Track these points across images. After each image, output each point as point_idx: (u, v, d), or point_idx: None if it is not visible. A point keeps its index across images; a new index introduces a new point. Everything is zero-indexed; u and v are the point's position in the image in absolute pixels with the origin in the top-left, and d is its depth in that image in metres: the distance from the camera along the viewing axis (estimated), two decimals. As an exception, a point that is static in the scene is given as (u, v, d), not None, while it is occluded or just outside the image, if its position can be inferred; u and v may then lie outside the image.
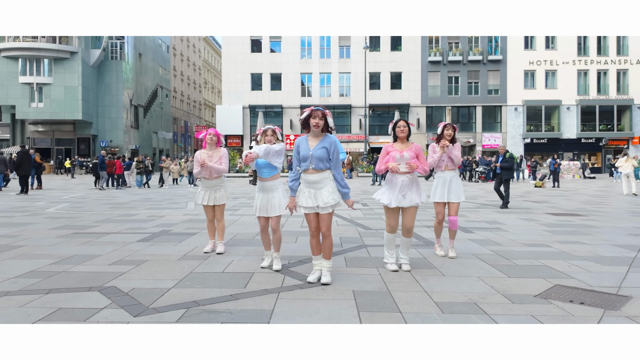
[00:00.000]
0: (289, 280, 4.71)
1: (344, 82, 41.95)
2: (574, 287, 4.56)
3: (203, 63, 72.90)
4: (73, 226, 8.55)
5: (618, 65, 40.88)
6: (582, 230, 8.38)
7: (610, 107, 40.76)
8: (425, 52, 41.33)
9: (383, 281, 4.71)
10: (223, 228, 6.19)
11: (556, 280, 4.83)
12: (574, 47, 40.94)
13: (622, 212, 11.40)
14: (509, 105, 40.97)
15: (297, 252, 6.20)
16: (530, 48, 41.18)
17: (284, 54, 41.84)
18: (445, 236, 6.72)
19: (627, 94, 40.79)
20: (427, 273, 5.07)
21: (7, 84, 39.82)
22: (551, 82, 41.19)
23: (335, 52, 41.79)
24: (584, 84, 41.21)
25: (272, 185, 5.11)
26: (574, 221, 9.65)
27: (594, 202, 14.48)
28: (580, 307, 3.93)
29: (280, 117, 41.37)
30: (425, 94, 41.16)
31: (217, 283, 4.58)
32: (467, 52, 41.17)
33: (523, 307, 3.92)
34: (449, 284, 4.61)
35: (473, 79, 41.45)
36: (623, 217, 10.35)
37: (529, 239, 7.44)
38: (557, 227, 8.70)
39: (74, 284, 4.54)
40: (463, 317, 3.63)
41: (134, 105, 47.55)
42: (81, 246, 6.54)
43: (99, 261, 5.57)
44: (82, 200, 14.62)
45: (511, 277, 4.92)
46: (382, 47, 41.58)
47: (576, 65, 40.96)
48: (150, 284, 4.53)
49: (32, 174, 20.12)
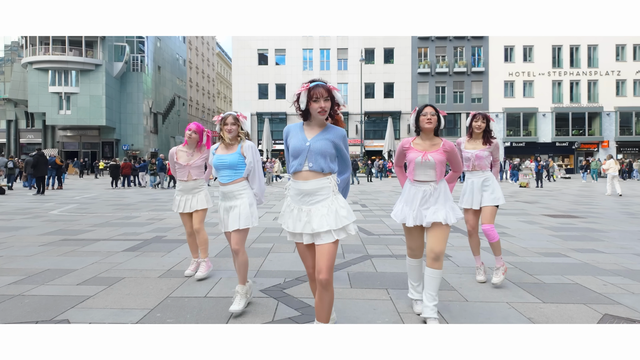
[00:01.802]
0: (282, 309, 3.40)
1: (342, 92, 39.82)
2: (628, 317, 3.27)
3: (216, 75, 71.57)
4: (65, 231, 7.23)
5: (589, 76, 39.54)
6: (590, 235, 7.08)
7: (582, 114, 39.42)
8: (415, 65, 40.05)
9: (396, 311, 3.40)
10: (205, 241, 4.30)
11: (599, 306, 3.54)
12: (549, 59, 39.63)
13: (617, 214, 10.08)
14: (490, 112, 39.54)
15: (295, 266, 4.86)
16: (509, 61, 39.87)
17: (288, 66, 40.60)
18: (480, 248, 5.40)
19: (597, 102, 39.47)
20: (447, 297, 3.76)
21: (38, 93, 38.66)
22: (528, 92, 39.87)
23: (334, 65, 40.54)
24: (558, 93, 39.89)
25: (231, 191, 3.43)
26: (576, 224, 8.34)
27: (582, 202, 13.17)
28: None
29: (285, 123, 40.17)
30: (415, 102, 39.85)
31: (194, 315, 3.27)
32: (452, 64, 39.90)
33: None
34: (477, 316, 3.31)
35: (458, 88, 40.17)
36: (622, 220, 9.04)
37: (540, 246, 6.13)
38: (563, 232, 7.39)
39: (20, 316, 3.25)
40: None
41: (154, 113, 46.25)
42: (60, 257, 5.23)
43: (69, 279, 4.26)
44: (92, 201, 13.29)
45: (546, 303, 3.62)
46: (376, 60, 40.34)
47: (551, 76, 39.65)
48: (113, 317, 3.23)
49: (53, 174, 18.87)
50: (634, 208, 11.47)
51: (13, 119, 42.88)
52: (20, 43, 41.44)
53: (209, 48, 68.20)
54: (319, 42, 40.34)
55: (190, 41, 58.71)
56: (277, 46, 40.48)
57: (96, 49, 39.74)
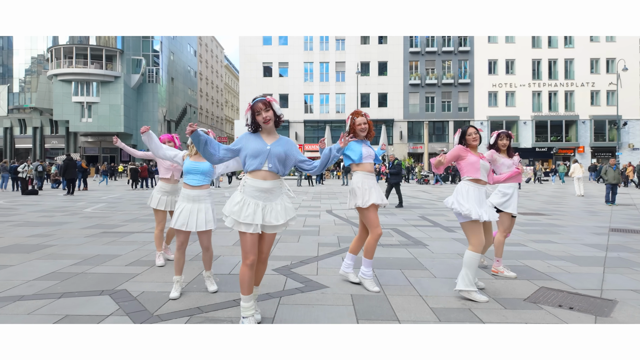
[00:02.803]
0: (290, 283, 4.07)
1: (339, 101, 41.31)
2: (559, 289, 3.92)
3: (224, 86, 72.26)
4: (103, 225, 7.90)
5: (566, 87, 40.23)
6: (550, 229, 7.74)
7: (559, 121, 40.12)
8: (407, 77, 40.73)
9: (379, 283, 4.06)
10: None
11: (540, 282, 4.19)
12: (529, 72, 40.32)
13: (579, 212, 10.75)
14: (475, 120, 40.25)
15: (300, 252, 5.53)
16: (493, 73, 40.57)
17: (290, 78, 41.26)
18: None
19: (574, 110, 40.15)
20: (419, 275, 4.42)
21: (62, 102, 39.39)
22: (510, 101, 40.53)
23: (333, 77, 41.22)
24: (537, 102, 40.56)
25: (199, 194, 3.63)
26: (541, 220, 9.00)
27: (553, 202, 13.83)
28: (570, 313, 3.30)
29: (287, 130, 40.83)
30: (406, 110, 40.54)
31: (222, 286, 3.93)
32: (441, 76, 40.57)
33: (516, 313, 3.29)
34: (442, 287, 3.96)
35: (446, 98, 40.83)
36: (582, 217, 9.70)
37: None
38: (528, 226, 8.05)
39: (88, 287, 3.90)
40: (458, 324, 2.99)
41: (167, 120, 46.94)
42: (105, 246, 5.90)
43: (118, 262, 4.92)
44: (118, 200, 13.96)
45: (498, 279, 4.28)
46: (371, 72, 41.01)
47: (531, 87, 40.33)
48: (160, 287, 3.88)
49: (79, 177, 19.51)
50: (597, 207, 12.12)
51: (39, 126, 43.60)
52: (46, 57, 42.16)
53: (218, 61, 68.97)
54: (319, 55, 41.02)
55: (200, 54, 59.45)
56: (281, 60, 41.16)
57: (115, 62, 40.47)
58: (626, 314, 3.28)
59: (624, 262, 5.05)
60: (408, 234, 6.99)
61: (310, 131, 41.03)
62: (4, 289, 3.79)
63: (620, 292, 3.84)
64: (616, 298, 3.67)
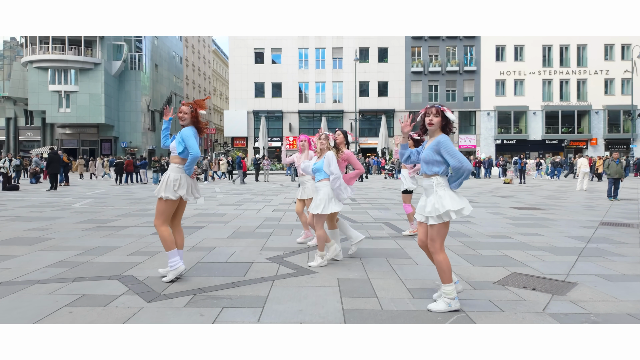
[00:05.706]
0: (283, 269, 4.81)
1: (337, 90, 41.95)
2: (529, 274, 4.68)
3: (212, 73, 72.64)
4: (96, 220, 8.61)
5: (578, 75, 41.05)
6: (541, 223, 8.51)
7: (571, 112, 40.95)
8: (409, 64, 41.39)
9: (364, 270, 4.81)
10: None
11: (514, 268, 4.95)
12: (540, 59, 41.09)
13: (577, 207, 11.54)
14: (482, 110, 41.09)
15: (292, 243, 6.29)
16: (501, 60, 41.30)
17: (284, 65, 41.79)
18: None
19: (586, 100, 41.01)
20: (403, 262, 5.18)
21: (38, 91, 39.78)
22: (519, 90, 41.33)
23: (329, 64, 41.78)
24: (548, 91, 41.36)
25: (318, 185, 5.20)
26: (535, 215, 9.78)
27: (554, 197, 14.63)
28: (531, 292, 4.05)
29: (281, 121, 41.46)
30: (408, 100, 41.23)
31: (221, 272, 4.68)
32: (445, 63, 41.26)
33: (483, 292, 4.04)
34: (421, 272, 4.72)
35: (450, 87, 41.57)
36: (578, 211, 10.49)
37: (494, 231, 7.56)
38: (520, 220, 8.82)
39: (96, 273, 4.63)
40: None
41: (151, 110, 47.49)
42: (103, 238, 6.62)
43: (119, 252, 5.65)
44: (105, 196, 14.65)
45: (475, 266, 5.04)
46: (370, 59, 41.62)
47: (541, 75, 41.10)
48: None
49: (61, 172, 20.15)
50: (597, 202, 12.92)
51: (12, 116, 44.03)
52: (20, 42, 42.51)
53: (205, 45, 69.31)
54: (314, 41, 41.57)
55: (186, 39, 59.80)
56: (273, 45, 41.67)
57: (95, 48, 40.88)
58: (579, 292, 4.04)
59: (599, 252, 5.82)
60: (399, 227, 7.74)
61: (305, 122, 41.65)
62: (19, 275, 4.51)
63: (583, 277, 4.60)
64: (577, 281, 4.43)
